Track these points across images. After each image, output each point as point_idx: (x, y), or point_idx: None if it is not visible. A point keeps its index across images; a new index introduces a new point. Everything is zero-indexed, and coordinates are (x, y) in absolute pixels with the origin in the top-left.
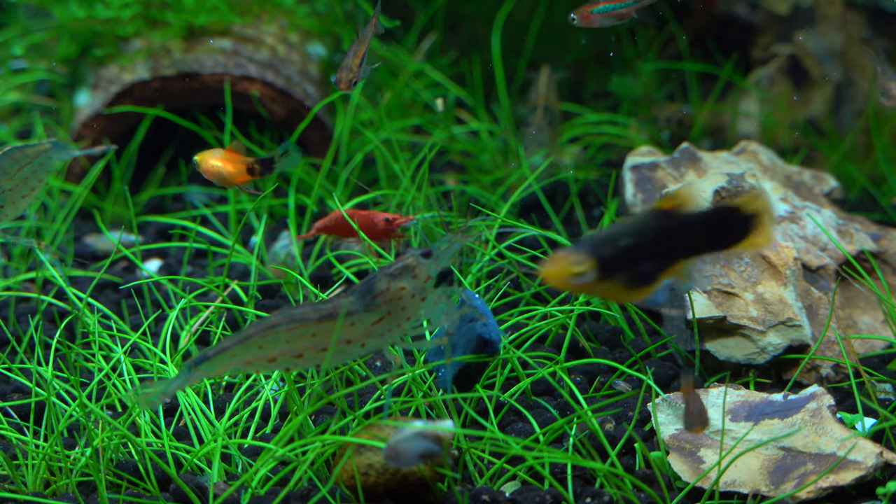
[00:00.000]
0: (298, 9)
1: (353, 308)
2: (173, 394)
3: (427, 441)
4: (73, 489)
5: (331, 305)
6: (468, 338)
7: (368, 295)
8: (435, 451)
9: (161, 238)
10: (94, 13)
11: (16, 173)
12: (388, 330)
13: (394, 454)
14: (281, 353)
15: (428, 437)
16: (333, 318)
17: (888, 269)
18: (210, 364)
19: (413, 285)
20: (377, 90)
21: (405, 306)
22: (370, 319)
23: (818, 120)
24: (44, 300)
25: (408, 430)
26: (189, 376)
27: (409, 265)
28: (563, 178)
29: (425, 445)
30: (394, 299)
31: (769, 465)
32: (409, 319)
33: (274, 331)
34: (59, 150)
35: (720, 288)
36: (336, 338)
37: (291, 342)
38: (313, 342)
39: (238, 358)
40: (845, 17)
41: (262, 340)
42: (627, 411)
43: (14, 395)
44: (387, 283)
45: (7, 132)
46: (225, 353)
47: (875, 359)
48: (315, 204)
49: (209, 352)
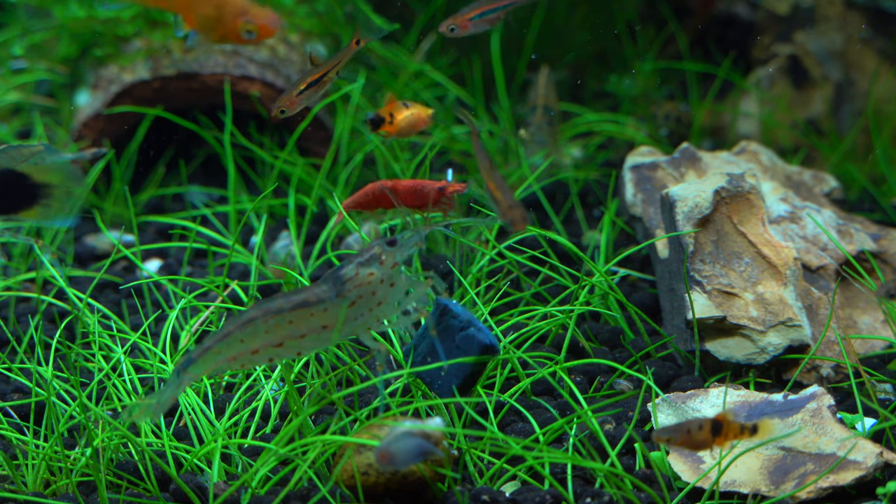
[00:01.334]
0: (298, 9)
1: (324, 295)
2: (168, 403)
3: (419, 440)
4: (73, 489)
5: (303, 294)
6: (468, 347)
7: (339, 282)
8: (429, 449)
9: (161, 238)
10: (94, 13)
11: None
12: (362, 314)
13: (387, 455)
14: (262, 345)
15: (419, 436)
16: (307, 306)
17: (888, 269)
18: (196, 366)
19: (381, 271)
20: (377, 90)
21: (375, 290)
22: (342, 303)
23: (818, 120)
24: (44, 300)
25: (398, 430)
26: (179, 382)
27: (375, 253)
28: (563, 177)
29: (418, 444)
30: (363, 284)
31: (769, 465)
32: (381, 305)
33: (252, 324)
34: (51, 153)
35: (720, 288)
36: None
37: (270, 332)
38: (291, 330)
39: (222, 355)
40: (845, 17)
41: (242, 334)
42: (627, 411)
43: (14, 395)
44: (355, 270)
45: (7, 132)
46: (209, 352)
47: (875, 359)
48: (315, 204)
49: (193, 354)
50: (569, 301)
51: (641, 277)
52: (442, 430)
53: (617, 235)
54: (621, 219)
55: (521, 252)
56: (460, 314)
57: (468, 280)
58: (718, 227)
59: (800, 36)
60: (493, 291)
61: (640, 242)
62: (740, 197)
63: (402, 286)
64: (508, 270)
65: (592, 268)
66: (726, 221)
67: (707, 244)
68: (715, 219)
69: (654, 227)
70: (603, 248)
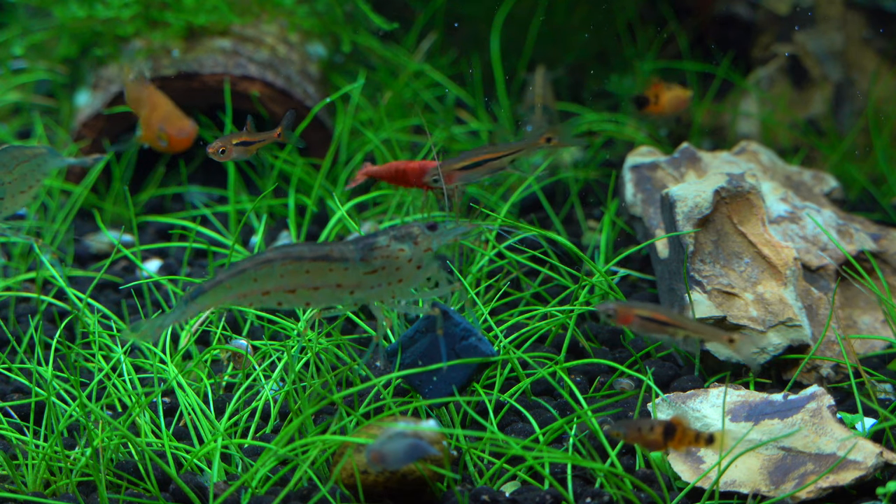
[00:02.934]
0: (298, 9)
1: (349, 255)
2: (167, 327)
3: (411, 440)
4: (73, 489)
5: (327, 248)
6: (469, 356)
7: (367, 247)
8: (422, 449)
9: (161, 238)
10: (94, 13)
11: (15, 168)
12: (379, 285)
13: (378, 456)
14: (275, 288)
15: (412, 437)
16: (328, 260)
17: (888, 269)
18: (206, 297)
19: (412, 251)
20: (377, 90)
21: (400, 267)
22: (364, 269)
23: (818, 120)
24: (44, 300)
25: (391, 431)
26: (185, 309)
27: (412, 232)
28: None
29: (410, 445)
30: (391, 257)
31: (769, 465)
32: (401, 282)
33: (269, 265)
34: (53, 156)
35: (720, 288)
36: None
37: (286, 277)
38: (306, 279)
39: (233, 291)
40: (845, 17)
41: (258, 274)
42: (627, 411)
43: (14, 395)
44: (387, 241)
45: (7, 132)
46: (220, 285)
47: (875, 359)
48: (315, 204)
49: (205, 285)
50: (569, 301)
51: (641, 277)
52: (435, 430)
53: (617, 235)
54: (621, 219)
55: (520, 252)
56: (460, 322)
57: (468, 280)
58: (718, 227)
59: (800, 36)
60: (493, 291)
61: (640, 242)
62: (740, 197)
63: (426, 273)
64: (508, 270)
65: (592, 268)
66: (726, 221)
67: (707, 244)
68: (715, 219)
69: (654, 227)
70: (603, 248)
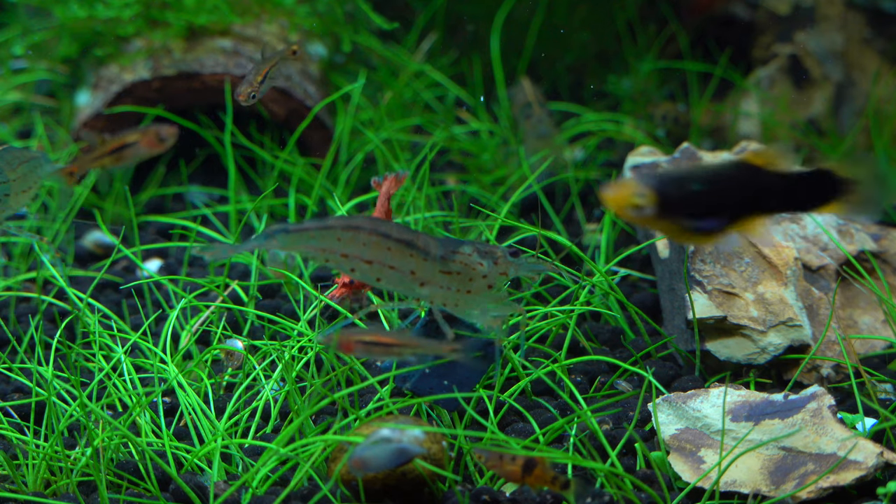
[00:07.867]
0: (299, 9)
1: (432, 249)
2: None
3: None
4: (74, 489)
5: (415, 235)
6: (482, 366)
7: (451, 249)
8: (407, 451)
9: (161, 238)
10: (94, 13)
11: (18, 166)
12: (449, 288)
13: (360, 463)
14: (354, 254)
15: (395, 441)
16: (411, 247)
17: (889, 269)
18: (288, 238)
19: (490, 269)
20: (378, 90)
21: (474, 279)
22: (441, 267)
23: (818, 120)
24: (44, 300)
25: (373, 436)
26: (263, 242)
27: (495, 252)
28: (564, 177)
29: (394, 450)
30: (469, 266)
31: (770, 465)
32: (469, 293)
33: (356, 231)
34: (47, 163)
35: (721, 288)
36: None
37: (367, 247)
38: (386, 256)
39: (315, 241)
40: (846, 17)
41: (343, 234)
42: (628, 411)
43: (14, 395)
44: (471, 251)
45: (7, 132)
46: (305, 233)
47: (875, 359)
48: (315, 204)
49: (290, 227)
50: (569, 301)
51: (642, 277)
52: (418, 433)
53: (617, 235)
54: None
55: (521, 252)
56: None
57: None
58: None
59: (800, 36)
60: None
61: (641, 242)
62: None
63: (494, 296)
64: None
65: (593, 268)
66: None
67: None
68: None
69: None
70: (603, 248)
